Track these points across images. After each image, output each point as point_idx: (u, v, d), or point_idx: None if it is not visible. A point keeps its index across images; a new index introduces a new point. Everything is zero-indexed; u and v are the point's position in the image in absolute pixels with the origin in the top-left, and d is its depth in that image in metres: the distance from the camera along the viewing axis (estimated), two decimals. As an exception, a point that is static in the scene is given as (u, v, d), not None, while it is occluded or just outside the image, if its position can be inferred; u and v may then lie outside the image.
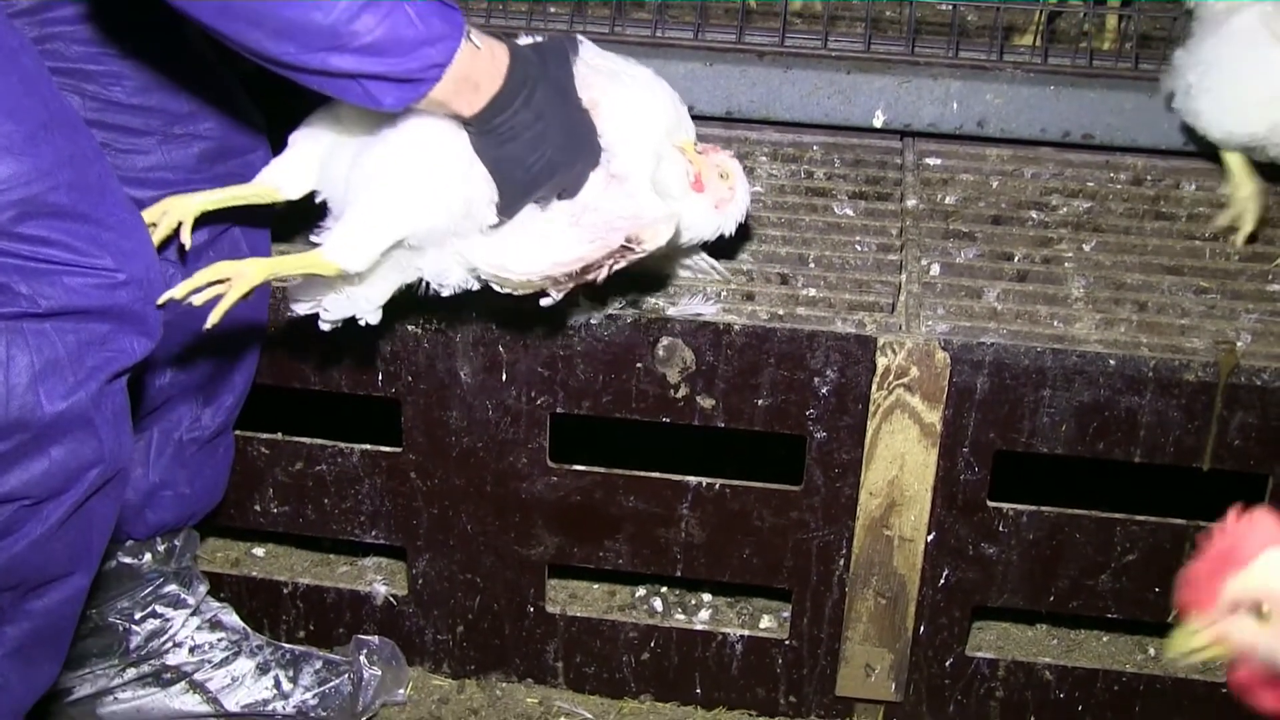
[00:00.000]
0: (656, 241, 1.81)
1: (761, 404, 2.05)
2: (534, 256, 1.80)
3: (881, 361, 1.99)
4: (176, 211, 1.83)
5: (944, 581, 2.13)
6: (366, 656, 2.23)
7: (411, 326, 2.07)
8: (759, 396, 2.05)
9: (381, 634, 2.30)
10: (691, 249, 2.05)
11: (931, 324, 2.02)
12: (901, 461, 2.04)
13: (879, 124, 2.49)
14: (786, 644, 2.22)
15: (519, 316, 2.03)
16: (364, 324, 1.88)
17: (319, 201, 1.87)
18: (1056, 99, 2.44)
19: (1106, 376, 1.97)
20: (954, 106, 2.46)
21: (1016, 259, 2.21)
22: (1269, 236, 2.27)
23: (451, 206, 1.74)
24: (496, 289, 1.85)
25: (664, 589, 2.45)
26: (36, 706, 2.13)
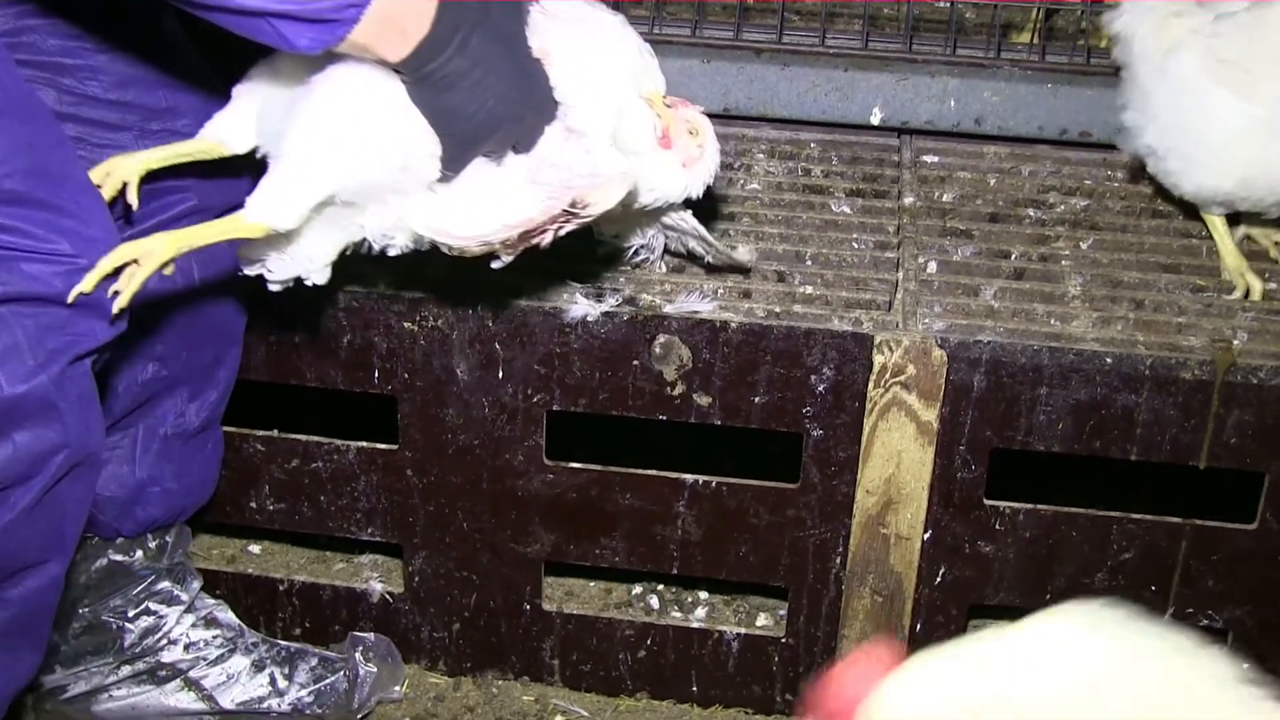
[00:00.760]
0: (605, 204, 1.69)
1: (758, 401, 2.05)
2: (480, 218, 1.69)
3: (878, 359, 1.98)
4: (120, 172, 1.76)
5: (940, 579, 2.13)
6: (362, 653, 2.23)
7: (408, 323, 2.07)
8: (755, 394, 2.05)
9: (377, 631, 2.29)
10: (671, 209, 1.93)
11: (928, 322, 2.02)
12: (898, 459, 2.03)
13: (876, 121, 2.49)
14: (783, 642, 2.22)
15: (516, 313, 2.03)
16: (311, 284, 1.78)
17: (259, 157, 1.78)
18: (1054, 97, 2.44)
19: (1103, 374, 1.97)
20: (951, 104, 2.46)
21: (1013, 257, 2.21)
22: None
23: (387, 158, 1.64)
24: (445, 251, 1.74)
25: (660, 586, 2.45)
26: (32, 704, 2.13)
